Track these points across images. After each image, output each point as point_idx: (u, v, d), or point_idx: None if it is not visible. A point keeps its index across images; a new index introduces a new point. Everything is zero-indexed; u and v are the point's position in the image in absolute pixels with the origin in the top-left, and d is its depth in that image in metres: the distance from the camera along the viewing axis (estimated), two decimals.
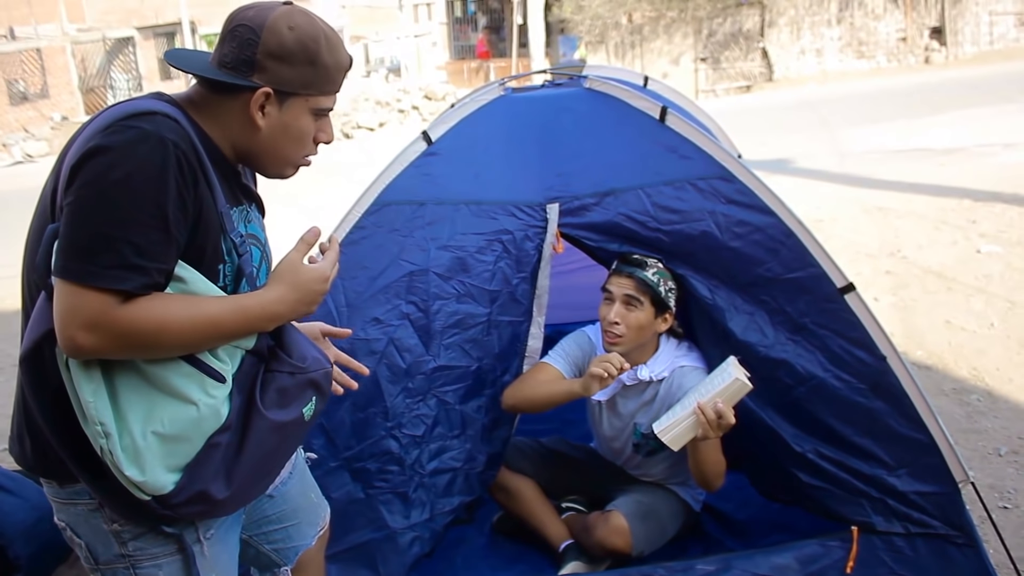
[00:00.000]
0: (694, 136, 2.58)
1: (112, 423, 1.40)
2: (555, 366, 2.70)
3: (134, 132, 1.38)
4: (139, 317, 1.37)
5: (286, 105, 1.55)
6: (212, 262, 1.50)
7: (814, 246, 2.48)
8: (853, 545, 2.41)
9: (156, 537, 1.57)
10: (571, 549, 2.69)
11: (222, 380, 1.47)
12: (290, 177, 1.68)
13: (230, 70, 1.52)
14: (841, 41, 20.86)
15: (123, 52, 24.10)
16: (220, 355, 1.49)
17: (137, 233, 1.36)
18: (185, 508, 1.49)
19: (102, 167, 1.35)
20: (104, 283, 1.34)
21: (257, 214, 1.70)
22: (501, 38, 25.07)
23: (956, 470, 2.42)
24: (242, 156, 1.62)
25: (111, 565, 1.59)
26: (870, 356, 2.43)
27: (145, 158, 1.37)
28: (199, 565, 1.61)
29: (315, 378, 1.60)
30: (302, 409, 1.59)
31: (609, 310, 2.57)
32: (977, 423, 3.80)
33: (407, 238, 2.59)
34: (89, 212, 1.35)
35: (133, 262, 1.35)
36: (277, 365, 1.56)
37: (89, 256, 1.34)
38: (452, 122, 2.71)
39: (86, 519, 1.57)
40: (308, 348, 1.63)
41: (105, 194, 1.35)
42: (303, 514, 1.97)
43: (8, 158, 18.66)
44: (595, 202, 2.60)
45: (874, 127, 12.06)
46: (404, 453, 2.52)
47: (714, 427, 2.26)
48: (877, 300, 5.35)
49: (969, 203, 7.45)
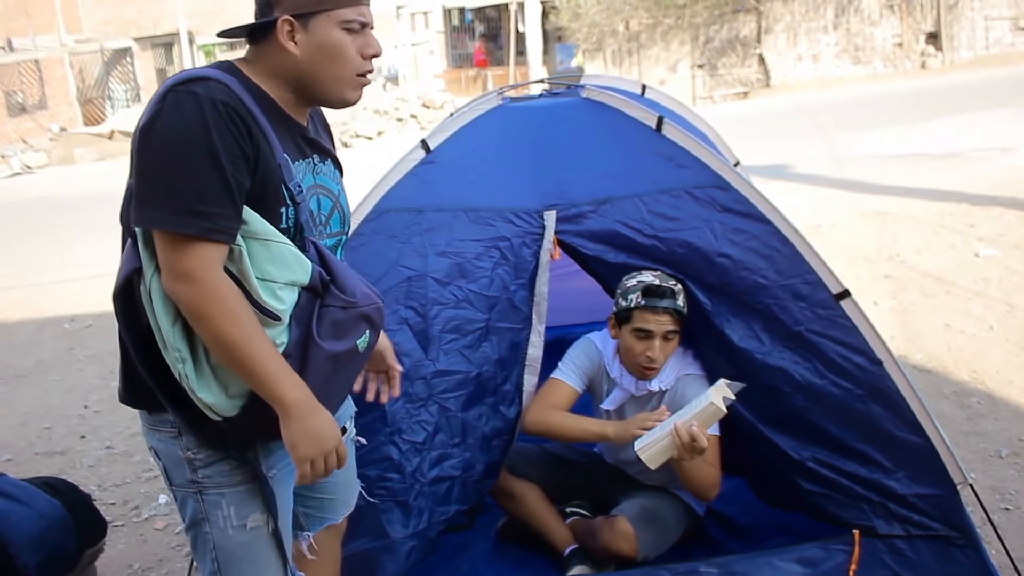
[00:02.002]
0: (690, 145, 2.60)
1: (186, 350, 1.59)
2: (568, 383, 2.73)
3: (187, 96, 1.55)
4: (219, 294, 1.54)
5: (311, 26, 1.67)
6: (273, 205, 1.65)
7: (809, 253, 2.49)
8: (855, 548, 2.42)
9: (223, 467, 1.74)
10: (576, 554, 2.70)
11: (276, 318, 1.62)
12: (355, 100, 1.77)
13: (259, 18, 1.69)
14: (837, 47, 20.91)
15: (121, 63, 24.15)
16: (278, 293, 1.63)
17: (198, 182, 1.53)
18: (252, 430, 1.68)
19: (161, 127, 1.54)
20: (172, 227, 1.52)
21: (331, 168, 1.85)
22: (498, 46, 25.15)
23: (954, 472, 2.43)
24: (302, 94, 1.73)
25: (182, 488, 1.77)
26: (867, 361, 2.45)
27: (198, 116, 1.53)
28: (260, 499, 1.77)
29: (367, 312, 1.74)
30: (356, 341, 1.73)
31: (649, 347, 2.57)
32: (978, 425, 3.81)
33: (405, 244, 2.61)
34: (154, 168, 1.54)
35: (195, 208, 1.52)
36: (331, 300, 1.69)
37: (156, 206, 1.53)
38: (450, 131, 2.73)
39: (166, 445, 1.75)
40: (359, 285, 1.76)
41: (167, 151, 1.53)
42: (341, 491, 2.08)
43: (7, 169, 18.68)
44: (592, 210, 2.61)
45: (871, 132, 12.10)
46: (405, 460, 2.53)
47: (688, 450, 2.30)
48: (876, 304, 5.36)
49: (967, 207, 7.47)
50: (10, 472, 3.07)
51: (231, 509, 1.75)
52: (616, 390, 2.73)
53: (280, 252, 1.63)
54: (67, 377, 5.58)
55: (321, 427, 1.64)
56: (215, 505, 1.75)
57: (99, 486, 3.95)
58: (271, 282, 1.62)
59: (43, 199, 13.72)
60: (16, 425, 4.83)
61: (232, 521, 1.75)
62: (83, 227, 10.65)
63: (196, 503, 1.76)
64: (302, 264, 1.66)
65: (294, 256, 1.65)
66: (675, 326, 2.56)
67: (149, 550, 3.40)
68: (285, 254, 1.63)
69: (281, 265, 1.63)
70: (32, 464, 4.26)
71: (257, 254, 1.61)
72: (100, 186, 14.41)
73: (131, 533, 3.53)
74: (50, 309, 7.20)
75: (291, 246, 1.65)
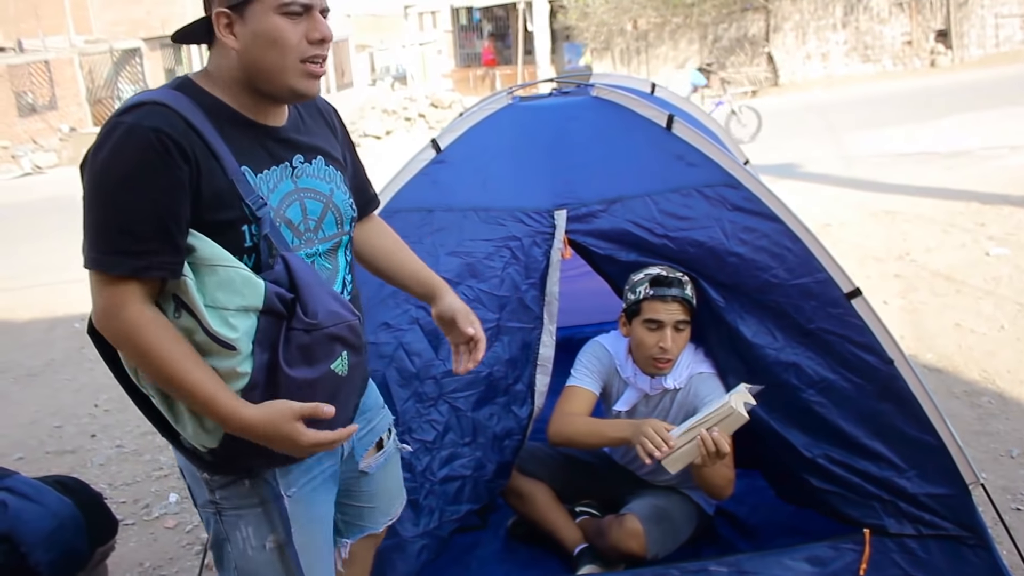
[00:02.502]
0: (701, 144, 2.60)
1: (152, 387, 1.56)
2: (586, 387, 2.73)
3: (119, 128, 1.49)
4: (134, 329, 1.49)
5: (247, 16, 1.56)
6: (232, 224, 1.56)
7: (820, 252, 2.49)
8: (865, 547, 2.42)
9: (239, 489, 1.69)
10: (585, 553, 2.70)
11: (231, 348, 1.52)
12: (307, 90, 1.62)
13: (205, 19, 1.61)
14: (846, 45, 20.84)
15: (130, 63, 24.21)
16: (230, 321, 1.52)
17: (128, 220, 1.47)
18: (241, 460, 1.63)
19: (94, 163, 1.49)
20: (103, 267, 1.48)
21: (321, 166, 1.72)
22: (506, 45, 25.14)
23: (966, 472, 2.42)
24: (254, 90, 1.62)
25: (204, 509, 1.75)
26: (878, 360, 2.45)
27: (127, 150, 1.47)
28: (280, 520, 1.71)
29: (335, 332, 1.61)
30: (330, 365, 1.61)
31: (659, 338, 2.56)
32: (989, 425, 3.80)
33: (416, 244, 2.60)
34: (89, 205, 1.50)
35: (127, 247, 1.47)
36: (295, 322, 1.57)
37: (90, 244, 1.50)
38: (460, 130, 2.74)
39: (187, 465, 1.73)
40: (327, 302, 1.61)
41: (98, 188, 1.49)
42: (381, 500, 2.02)
43: (17, 169, 18.76)
44: (602, 209, 2.61)
45: (880, 131, 12.05)
46: (415, 459, 2.53)
47: (712, 457, 2.29)
48: (886, 303, 5.35)
49: (977, 206, 7.44)
50: (22, 470, 3.09)
51: (249, 530, 1.71)
52: (629, 390, 2.73)
53: (228, 277, 1.53)
54: (77, 376, 5.60)
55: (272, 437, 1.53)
56: (234, 526, 1.71)
57: (110, 484, 3.97)
58: (222, 309, 1.52)
59: (53, 199, 13.76)
60: (27, 424, 4.85)
61: (251, 542, 1.71)
62: None
63: (217, 523, 1.73)
64: (253, 287, 1.53)
65: (243, 280, 1.53)
66: (685, 315, 2.55)
67: (159, 548, 3.41)
68: (233, 278, 1.53)
69: (230, 291, 1.52)
70: (43, 463, 4.28)
71: (206, 281, 1.53)
72: None
73: (142, 532, 3.55)
74: (60, 308, 7.23)
75: (241, 269, 1.54)
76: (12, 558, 2.53)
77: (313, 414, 1.55)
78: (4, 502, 2.60)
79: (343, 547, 2.01)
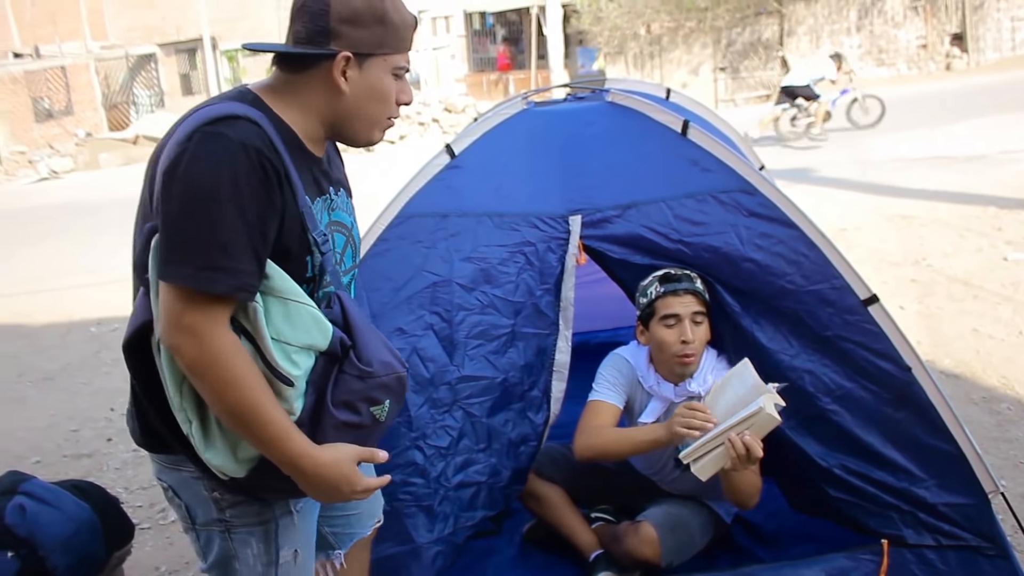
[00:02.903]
0: (716, 149, 2.59)
1: (193, 411, 1.52)
2: (609, 401, 2.69)
3: (217, 140, 1.45)
4: (224, 355, 1.45)
5: (366, 66, 1.61)
6: (299, 255, 1.58)
7: (837, 258, 2.47)
8: (884, 558, 2.40)
9: (251, 506, 1.67)
10: (601, 559, 2.68)
11: (290, 384, 1.53)
12: (378, 141, 1.73)
13: (306, 44, 1.59)
14: (861, 49, 20.75)
15: (145, 68, 24.39)
16: (293, 357, 1.54)
17: (225, 237, 1.43)
18: (262, 491, 1.63)
19: (186, 174, 1.44)
20: (198, 285, 1.42)
21: (344, 199, 1.76)
22: (519, 50, 25.16)
23: (985, 480, 2.40)
24: (331, 129, 1.67)
25: (207, 527, 1.70)
26: (895, 368, 2.42)
27: (229, 165, 1.44)
28: (288, 534, 1.72)
29: (385, 382, 1.63)
30: (371, 410, 1.63)
31: (679, 333, 2.53)
32: (1008, 432, 3.76)
33: (431, 250, 2.61)
34: (181, 219, 1.44)
35: (223, 264, 1.43)
36: (348, 367, 1.60)
37: (183, 260, 1.43)
38: (475, 135, 2.74)
39: (188, 484, 1.67)
40: (381, 351, 1.64)
41: (195, 201, 1.43)
42: (365, 505, 2.03)
43: (34, 174, 18.93)
44: (617, 214, 2.61)
45: (895, 135, 11.99)
46: (429, 465, 2.53)
47: (743, 460, 2.22)
48: (903, 309, 5.31)
49: (994, 210, 7.39)
50: (39, 474, 3.11)
51: (260, 547, 1.70)
52: (653, 401, 2.68)
53: (298, 312, 1.54)
54: (93, 380, 5.63)
55: (332, 480, 1.56)
56: (244, 543, 1.70)
57: (126, 488, 3.98)
58: (286, 344, 1.53)
59: (69, 204, 13.88)
60: (44, 427, 4.88)
61: (262, 558, 1.71)
62: (108, 231, 10.76)
63: (224, 542, 1.70)
64: (322, 327, 1.56)
65: (313, 318, 1.55)
66: (700, 307, 2.53)
67: (175, 553, 3.42)
68: (303, 315, 1.54)
69: (298, 327, 1.54)
70: (60, 466, 4.30)
71: (274, 312, 1.52)
72: (125, 190, 14.51)
73: (157, 536, 3.56)
74: (76, 312, 7.27)
75: (312, 307, 1.56)
76: (31, 562, 2.56)
77: (371, 458, 1.62)
78: (22, 506, 2.62)
79: (336, 559, 2.04)
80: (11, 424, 4.99)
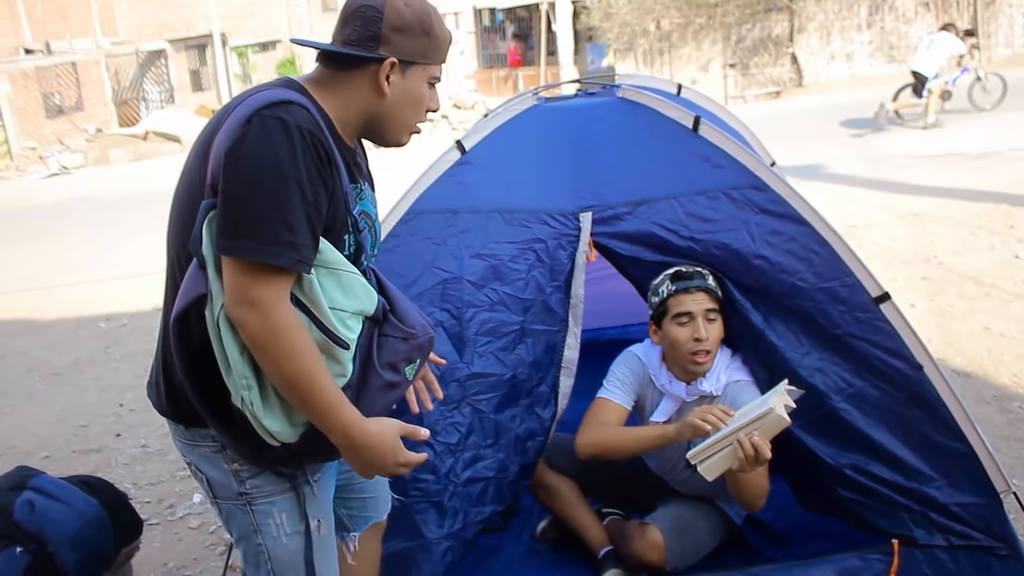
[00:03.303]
0: (727, 145, 2.58)
1: (253, 377, 1.59)
2: (617, 401, 2.67)
3: (276, 123, 1.53)
4: (288, 327, 1.53)
5: (408, 73, 1.72)
6: (339, 233, 1.67)
7: (848, 255, 2.46)
8: (894, 558, 2.38)
9: (272, 477, 1.75)
10: (610, 557, 2.67)
11: (346, 346, 1.63)
12: (405, 144, 1.83)
13: (356, 46, 1.68)
14: (871, 45, 20.65)
15: (155, 64, 24.43)
16: (347, 322, 1.64)
17: (288, 213, 1.52)
18: (307, 455, 1.71)
19: (250, 153, 1.52)
20: (265, 258, 1.50)
21: (370, 192, 1.84)
22: (529, 46, 25.12)
23: (997, 480, 2.38)
24: (365, 127, 1.76)
25: (228, 501, 1.77)
26: (906, 366, 2.41)
27: (288, 146, 1.53)
28: (309, 503, 1.79)
29: (422, 343, 1.79)
30: (406, 369, 1.77)
31: (692, 330, 2.51)
32: (1020, 431, 3.74)
33: (441, 246, 2.61)
34: (246, 196, 1.52)
35: (287, 239, 1.52)
36: (391, 330, 1.74)
37: (249, 235, 1.51)
38: (485, 131, 2.73)
39: (209, 459, 1.75)
40: (416, 315, 1.82)
41: (258, 180, 1.51)
42: (380, 489, 2.12)
43: (45, 170, 18.97)
44: (628, 211, 2.60)
45: (906, 132, 11.93)
46: (439, 461, 2.53)
47: (751, 462, 2.19)
48: (914, 306, 5.28)
49: (1006, 208, 7.34)
50: (48, 469, 3.12)
51: (283, 516, 1.77)
52: (665, 400, 2.65)
53: (349, 281, 1.65)
54: (102, 376, 5.65)
55: (379, 450, 1.65)
56: (266, 515, 1.76)
57: (134, 484, 3.99)
58: (340, 311, 1.63)
59: (79, 199, 13.91)
60: (53, 423, 4.90)
61: (285, 529, 1.77)
62: (118, 227, 10.80)
63: (246, 515, 1.76)
64: (369, 294, 1.69)
65: (362, 286, 1.68)
66: (713, 304, 2.51)
67: (184, 548, 3.43)
68: (354, 283, 1.66)
69: (350, 294, 1.65)
70: (69, 462, 4.32)
71: (327, 283, 1.62)
72: (135, 186, 14.59)
73: (166, 532, 3.56)
74: (86, 308, 7.30)
75: (359, 275, 1.68)
76: (39, 557, 2.56)
77: (413, 434, 1.70)
78: (31, 502, 2.63)
79: (351, 541, 2.11)
80: (20, 419, 5.01)
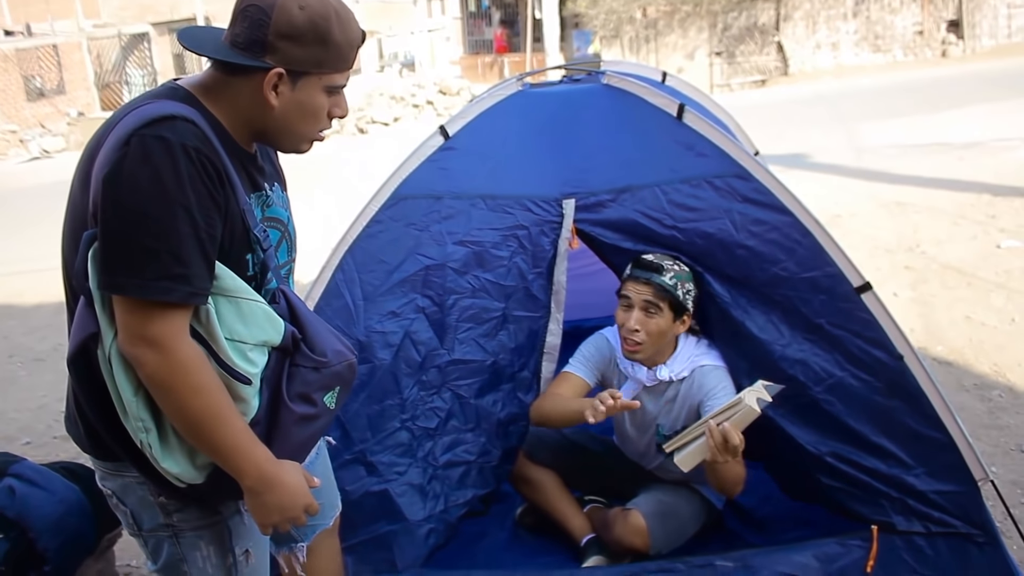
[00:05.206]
0: (711, 134, 2.57)
1: (150, 419, 1.47)
2: (578, 375, 2.69)
3: (157, 142, 1.39)
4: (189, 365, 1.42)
5: (299, 84, 1.54)
6: (239, 255, 1.54)
7: (831, 245, 2.46)
8: (873, 544, 2.40)
9: (199, 509, 1.64)
10: (593, 544, 2.69)
11: (248, 382, 1.51)
12: (306, 152, 1.68)
13: (243, 51, 1.52)
14: (857, 35, 20.70)
15: (138, 48, 24.19)
16: (248, 355, 1.51)
17: (176, 243, 1.39)
18: (218, 495, 1.60)
19: (129, 179, 1.37)
20: (152, 295, 1.38)
21: (279, 193, 1.72)
22: (515, 33, 25.03)
23: (975, 468, 2.40)
24: (257, 135, 1.62)
25: (155, 533, 1.66)
26: (887, 356, 2.42)
27: (172, 168, 1.38)
28: (239, 534, 1.69)
29: (338, 371, 1.64)
30: (323, 398, 1.64)
31: (628, 317, 2.53)
32: (999, 419, 3.78)
33: (423, 232, 2.60)
34: (127, 227, 1.38)
35: (176, 272, 1.39)
36: (301, 360, 1.59)
37: (133, 270, 1.38)
38: (469, 117, 2.72)
39: (132, 490, 1.63)
40: (330, 340, 1.66)
41: (139, 209, 1.37)
42: (324, 495, 2.00)
43: (26, 154, 18.79)
44: (611, 199, 2.59)
45: (891, 121, 11.98)
46: (417, 445, 2.53)
47: (722, 451, 2.21)
48: (896, 296, 5.32)
49: (988, 198, 7.39)
50: (28, 455, 3.09)
51: (210, 548, 1.67)
52: (628, 382, 2.68)
53: (251, 310, 1.51)
54: None
55: (284, 497, 1.55)
56: (193, 546, 1.66)
57: None
58: (240, 343, 1.50)
59: (61, 183, 13.72)
60: (35, 408, 4.86)
61: (212, 560, 1.68)
62: None
63: (172, 546, 1.67)
64: (274, 323, 1.54)
65: (265, 314, 1.53)
66: (655, 299, 2.49)
67: None
68: (256, 311, 1.52)
69: (252, 324, 1.51)
70: (50, 447, 4.29)
71: (225, 313, 1.49)
72: None
73: None
74: None
75: (262, 303, 1.54)
76: (20, 544, 2.54)
77: (309, 482, 1.62)
78: (12, 488, 2.61)
79: (300, 551, 2.03)
80: (1, 405, 4.97)
